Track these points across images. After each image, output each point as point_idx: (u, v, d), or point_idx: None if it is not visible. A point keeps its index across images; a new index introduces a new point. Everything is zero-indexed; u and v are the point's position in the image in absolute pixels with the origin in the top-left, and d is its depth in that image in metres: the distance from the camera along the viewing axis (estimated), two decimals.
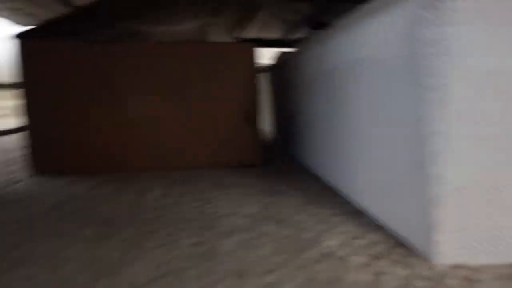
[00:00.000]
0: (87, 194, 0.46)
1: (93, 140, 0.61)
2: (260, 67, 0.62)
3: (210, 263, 0.32)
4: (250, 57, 0.64)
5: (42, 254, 0.31)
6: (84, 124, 0.60)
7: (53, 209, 0.39)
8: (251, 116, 0.64)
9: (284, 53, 0.75)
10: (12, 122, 1.92)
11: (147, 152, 0.63)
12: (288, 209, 0.52)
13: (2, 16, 1.22)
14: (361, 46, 0.50)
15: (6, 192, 0.43)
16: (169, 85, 0.62)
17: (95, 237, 0.34)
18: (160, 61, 0.61)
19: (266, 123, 1.11)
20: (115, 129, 0.61)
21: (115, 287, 0.27)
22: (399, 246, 0.42)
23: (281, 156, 0.81)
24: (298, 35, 0.79)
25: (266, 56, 0.99)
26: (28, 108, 0.58)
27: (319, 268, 0.37)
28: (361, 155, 0.54)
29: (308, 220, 0.48)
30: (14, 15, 1.20)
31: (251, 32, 1.22)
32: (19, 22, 1.28)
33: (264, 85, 1.04)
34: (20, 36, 0.59)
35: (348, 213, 0.52)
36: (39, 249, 0.32)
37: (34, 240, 0.33)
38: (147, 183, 0.53)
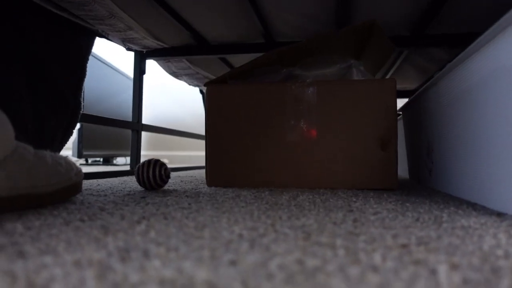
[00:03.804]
0: (252, 194, 0.59)
1: (256, 160, 0.73)
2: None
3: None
4: (391, 89, 0.69)
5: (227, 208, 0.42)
6: (249, 147, 0.73)
7: (231, 198, 0.53)
8: (388, 143, 0.70)
9: (415, 94, 0.79)
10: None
11: (297, 171, 0.72)
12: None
13: (182, 80, 1.59)
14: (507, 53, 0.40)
15: (197, 192, 0.60)
16: (319, 114, 0.71)
17: (266, 207, 0.45)
18: (313, 95, 0.72)
19: (401, 161, 1.12)
20: (275, 151, 0.72)
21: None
22: None
23: (415, 184, 0.81)
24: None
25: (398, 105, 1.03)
26: (208, 137, 0.75)
27: None
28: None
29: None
30: (191, 78, 1.55)
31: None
32: (194, 83, 1.64)
33: (398, 128, 1.07)
34: (206, 84, 0.79)
35: None
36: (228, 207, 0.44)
37: (221, 207, 0.45)
38: (296, 192, 0.63)
